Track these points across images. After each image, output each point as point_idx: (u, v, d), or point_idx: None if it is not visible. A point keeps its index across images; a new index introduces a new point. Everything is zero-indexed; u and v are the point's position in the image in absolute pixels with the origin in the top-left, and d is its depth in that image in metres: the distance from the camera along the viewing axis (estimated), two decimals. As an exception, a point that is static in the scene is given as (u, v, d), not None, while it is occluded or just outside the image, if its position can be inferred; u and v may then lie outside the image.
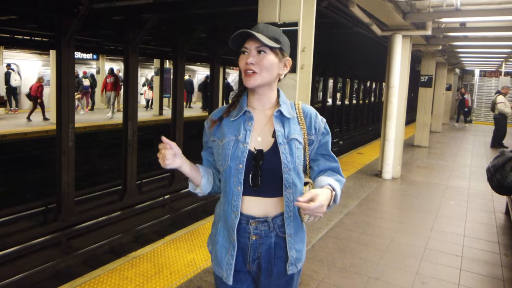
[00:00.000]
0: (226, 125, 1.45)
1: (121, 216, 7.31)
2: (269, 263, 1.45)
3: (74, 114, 6.93)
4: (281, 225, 1.44)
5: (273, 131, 1.42)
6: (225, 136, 1.43)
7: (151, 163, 9.67)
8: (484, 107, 19.13)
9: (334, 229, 4.24)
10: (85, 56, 16.85)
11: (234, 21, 7.62)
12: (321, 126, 1.51)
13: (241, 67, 1.41)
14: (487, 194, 5.77)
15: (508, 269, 3.54)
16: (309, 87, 3.03)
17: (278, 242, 1.44)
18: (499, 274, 3.44)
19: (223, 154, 1.41)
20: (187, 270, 3.22)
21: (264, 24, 1.41)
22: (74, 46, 6.75)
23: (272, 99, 1.47)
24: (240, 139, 1.40)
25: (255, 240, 1.42)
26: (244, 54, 1.40)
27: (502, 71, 15.94)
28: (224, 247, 1.44)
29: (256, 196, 1.41)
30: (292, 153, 1.41)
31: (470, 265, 3.58)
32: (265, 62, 1.37)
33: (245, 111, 1.44)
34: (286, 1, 2.99)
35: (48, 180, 7.93)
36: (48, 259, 5.67)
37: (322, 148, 1.52)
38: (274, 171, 1.39)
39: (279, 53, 1.41)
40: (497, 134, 11.01)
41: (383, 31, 6.54)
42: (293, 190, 1.41)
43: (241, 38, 1.39)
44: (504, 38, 8.03)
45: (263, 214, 1.42)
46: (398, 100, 6.55)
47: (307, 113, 1.50)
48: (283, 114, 1.44)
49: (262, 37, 1.35)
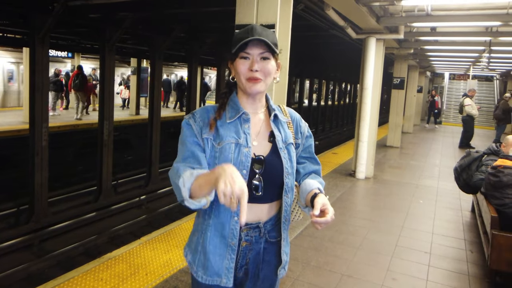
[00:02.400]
0: (222, 127, 1.37)
1: (96, 217, 7.15)
2: (256, 268, 1.43)
3: (48, 113, 6.74)
4: (271, 230, 1.42)
5: (268, 135, 1.40)
6: (224, 139, 1.34)
7: (127, 163, 9.52)
8: (453, 109, 19.76)
9: (309, 228, 4.29)
10: (60, 54, 16.36)
11: (211, 21, 7.60)
12: (305, 130, 1.51)
13: (243, 74, 1.34)
14: (455, 193, 5.98)
15: (473, 264, 3.68)
16: (286, 88, 3.06)
17: (266, 248, 1.42)
18: (464, 269, 3.58)
19: (223, 157, 1.33)
20: (163, 270, 3.19)
21: (261, 27, 1.35)
22: (48, 43, 6.58)
23: (263, 102, 1.45)
24: (242, 143, 1.34)
25: (245, 246, 1.38)
26: (244, 60, 1.33)
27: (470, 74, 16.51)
28: (219, 254, 1.37)
29: (252, 203, 1.34)
30: (291, 157, 1.40)
31: (438, 261, 3.70)
32: (270, 68, 1.34)
33: (242, 113, 1.39)
34: (263, 4, 3.01)
35: (21, 181, 7.68)
36: (20, 262, 5.49)
37: (306, 151, 1.52)
38: (274, 177, 1.36)
39: (277, 58, 1.39)
40: (465, 135, 11.36)
41: (357, 34, 6.67)
42: (291, 194, 1.42)
43: (244, 43, 1.31)
44: (472, 43, 8.35)
45: (256, 220, 1.38)
46: (372, 101, 6.69)
47: (293, 118, 1.49)
48: (279, 118, 1.43)
49: (268, 44, 1.30)
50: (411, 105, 13.82)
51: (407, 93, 12.87)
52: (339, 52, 13.08)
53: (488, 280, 3.31)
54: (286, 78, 3.07)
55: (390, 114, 10.83)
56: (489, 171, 3.57)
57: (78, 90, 12.61)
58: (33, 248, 6.00)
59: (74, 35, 10.20)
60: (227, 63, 1.45)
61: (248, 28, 1.35)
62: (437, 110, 17.24)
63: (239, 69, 1.34)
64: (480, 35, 7.32)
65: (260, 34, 1.31)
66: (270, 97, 1.49)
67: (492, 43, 7.86)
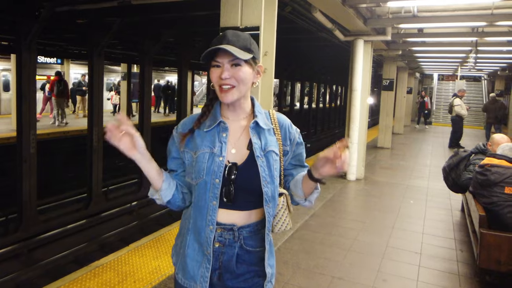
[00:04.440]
0: (199, 136, 1.36)
1: (87, 224, 7.05)
2: (231, 278, 1.38)
3: (35, 120, 6.65)
4: (248, 237, 1.38)
5: (248, 142, 1.36)
6: (199, 148, 1.34)
7: (118, 169, 9.42)
8: (443, 110, 19.94)
9: (299, 231, 4.26)
10: (48, 61, 16.19)
11: (200, 25, 7.56)
12: (296, 137, 1.46)
13: (215, 82, 1.32)
14: (445, 192, 5.97)
15: (463, 264, 3.67)
16: (271, 91, 3.04)
17: (241, 255, 1.38)
18: (455, 269, 3.56)
19: (197, 167, 1.33)
20: (151, 277, 3.13)
21: (233, 32, 1.32)
22: (35, 50, 6.53)
23: (246, 108, 1.40)
24: (216, 152, 1.33)
25: (218, 247, 1.36)
26: (216, 68, 1.31)
27: (458, 75, 16.66)
28: (196, 260, 1.36)
29: (228, 209, 1.35)
30: (270, 165, 1.35)
31: (428, 261, 3.69)
32: (241, 75, 1.30)
33: (219, 121, 1.36)
34: (247, 6, 2.99)
35: (9, 189, 7.54)
36: (8, 271, 5.39)
37: (296, 159, 1.47)
38: (249, 185, 1.33)
39: (252, 63, 1.34)
40: (454, 135, 11.43)
41: (345, 36, 6.68)
42: (272, 203, 1.37)
43: (211, 51, 1.29)
44: (459, 44, 8.42)
45: (230, 222, 1.36)
46: (361, 103, 6.70)
47: (282, 124, 1.44)
48: (259, 125, 1.38)
49: (235, 50, 1.26)
50: (401, 106, 13.90)
51: (397, 95, 12.94)
52: (330, 55, 13.12)
53: (478, 279, 3.30)
54: (272, 80, 3.04)
55: (380, 116, 10.88)
56: (476, 170, 3.57)
57: (62, 96, 12.42)
58: (22, 257, 5.89)
59: (62, 41, 10.10)
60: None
61: (220, 35, 1.33)
62: (427, 111, 17.37)
63: (212, 77, 1.34)
64: (467, 36, 7.38)
65: (229, 41, 1.28)
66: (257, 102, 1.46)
67: (478, 43, 7.94)
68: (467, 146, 9.42)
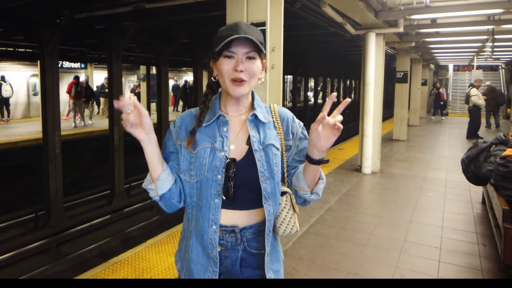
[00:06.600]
0: (199, 131, 1.25)
1: (110, 220, 7.08)
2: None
3: (60, 122, 6.74)
4: (251, 239, 1.25)
5: (248, 137, 1.24)
6: (199, 143, 1.23)
7: (139, 166, 9.44)
8: (459, 100, 19.22)
9: (314, 226, 4.09)
10: (73, 66, 16.49)
11: (214, 25, 7.43)
12: (298, 131, 1.32)
13: (227, 74, 1.19)
14: (464, 184, 5.64)
15: (486, 259, 3.40)
16: (280, 87, 2.87)
17: (245, 258, 1.25)
18: (477, 264, 3.31)
19: (198, 163, 1.21)
20: (167, 273, 3.05)
21: (246, 25, 1.20)
22: (57, 55, 6.66)
23: (247, 103, 1.29)
24: (217, 147, 1.21)
25: (220, 251, 1.23)
26: (228, 59, 1.19)
27: (474, 65, 15.99)
28: (201, 265, 1.23)
29: (228, 209, 1.22)
30: (269, 160, 1.22)
31: (448, 256, 3.44)
32: (255, 69, 1.20)
33: (219, 115, 1.25)
34: (253, 2, 2.83)
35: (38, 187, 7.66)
36: (38, 265, 5.45)
37: (300, 154, 1.31)
38: (249, 182, 1.21)
39: (263, 57, 1.23)
40: (472, 126, 10.98)
41: (356, 30, 6.41)
42: (272, 201, 1.23)
43: (229, 40, 1.17)
44: (474, 33, 7.98)
45: (231, 223, 1.23)
46: (374, 96, 6.43)
47: (283, 117, 1.31)
48: (258, 118, 1.26)
49: (255, 42, 1.16)
50: (416, 98, 13.44)
51: (412, 87, 12.51)
52: (342, 49, 12.80)
53: (502, 274, 3.06)
54: (280, 76, 2.87)
55: (394, 108, 10.51)
56: (498, 161, 3.30)
57: (79, 98, 12.51)
58: (50, 252, 5.96)
59: (83, 46, 10.22)
60: (209, 62, 1.28)
61: (232, 25, 1.19)
62: (442, 102, 16.78)
63: (222, 69, 1.19)
64: (482, 24, 6.95)
65: (245, 31, 1.15)
66: (258, 96, 1.33)
67: (495, 32, 7.49)
68: (486, 137, 9.00)
